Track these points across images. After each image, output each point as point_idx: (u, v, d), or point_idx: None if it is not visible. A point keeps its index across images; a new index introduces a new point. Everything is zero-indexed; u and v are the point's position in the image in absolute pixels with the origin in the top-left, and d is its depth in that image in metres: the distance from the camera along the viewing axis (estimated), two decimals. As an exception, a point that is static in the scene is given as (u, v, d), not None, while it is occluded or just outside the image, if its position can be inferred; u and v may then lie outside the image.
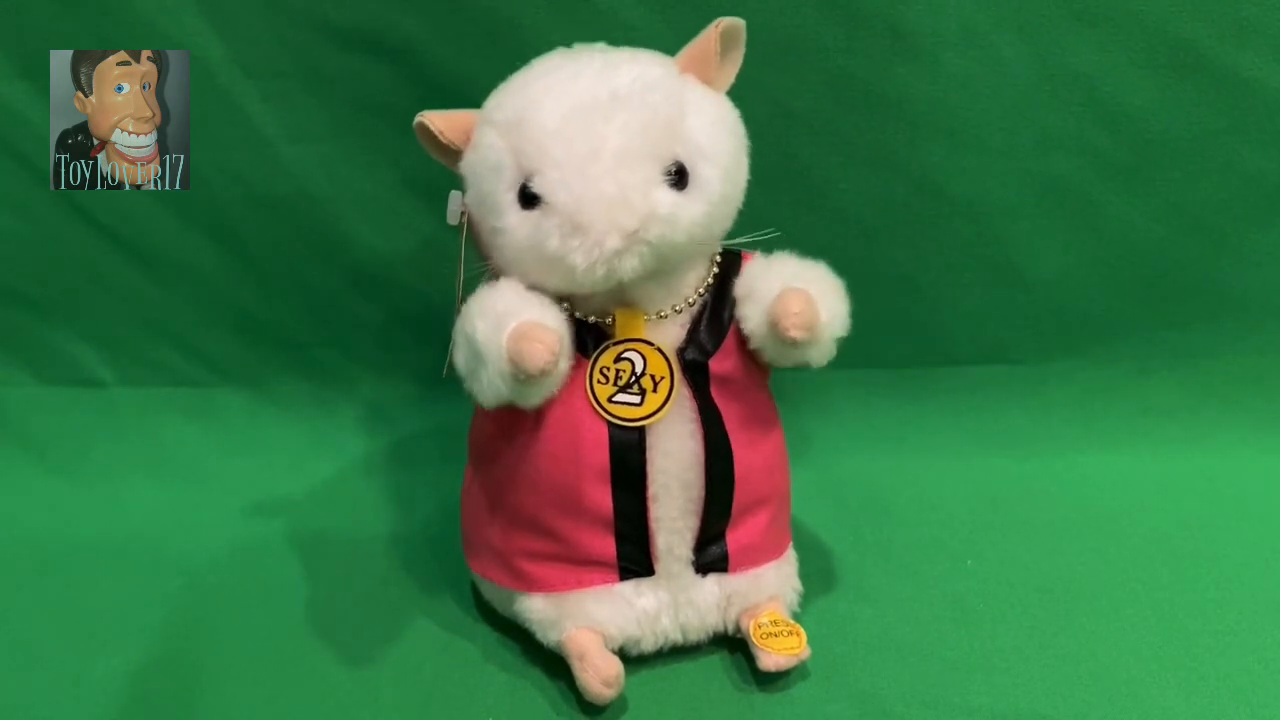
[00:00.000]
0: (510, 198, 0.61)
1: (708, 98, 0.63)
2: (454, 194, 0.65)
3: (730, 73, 0.65)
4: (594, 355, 0.64)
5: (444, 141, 0.64)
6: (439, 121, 0.64)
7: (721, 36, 0.63)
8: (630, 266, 0.59)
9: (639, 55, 0.63)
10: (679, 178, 0.60)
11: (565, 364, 0.62)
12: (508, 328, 0.60)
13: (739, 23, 0.64)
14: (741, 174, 0.64)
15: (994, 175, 0.84)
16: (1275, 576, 0.76)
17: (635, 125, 0.59)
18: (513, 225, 0.61)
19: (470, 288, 0.65)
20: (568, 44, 0.65)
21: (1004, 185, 0.84)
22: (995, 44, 0.80)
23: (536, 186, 0.59)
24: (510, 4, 0.78)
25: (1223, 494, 0.86)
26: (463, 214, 0.65)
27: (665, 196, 0.59)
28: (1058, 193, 0.85)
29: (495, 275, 0.65)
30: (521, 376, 0.59)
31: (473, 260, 0.66)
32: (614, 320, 0.64)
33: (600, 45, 0.64)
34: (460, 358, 0.64)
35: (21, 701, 0.68)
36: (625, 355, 0.64)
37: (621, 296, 0.64)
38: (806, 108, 0.81)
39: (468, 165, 0.64)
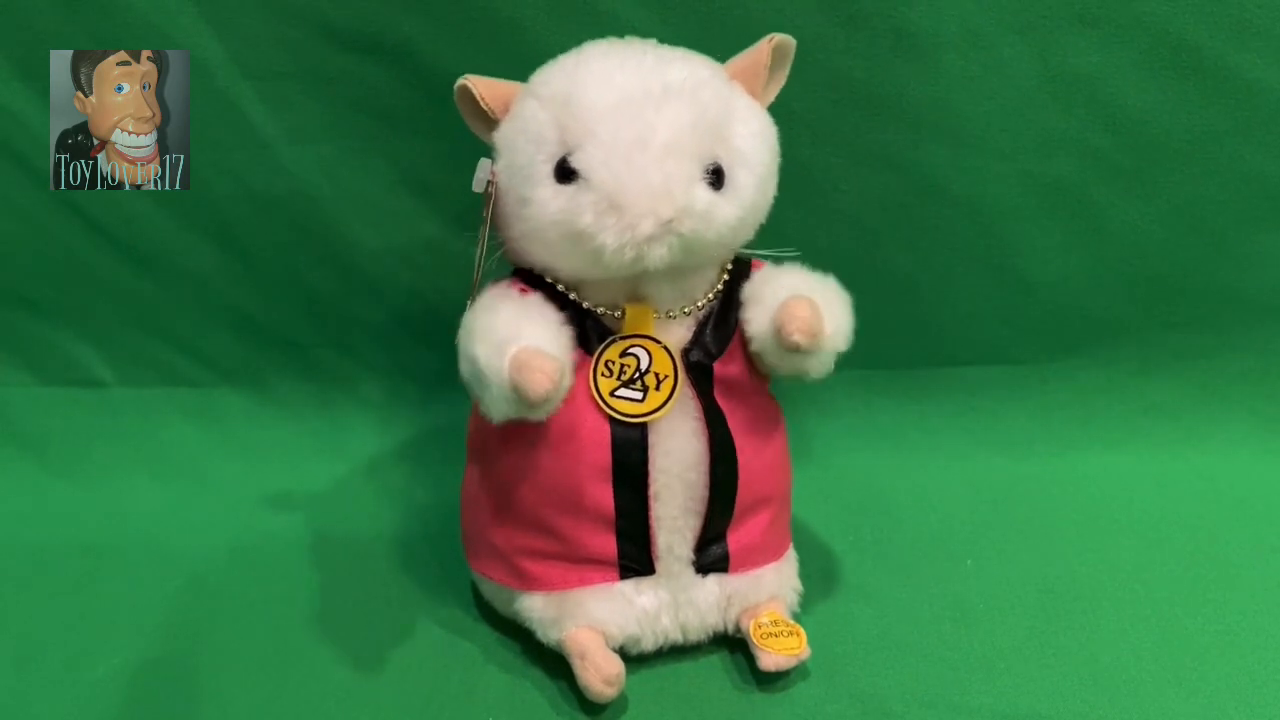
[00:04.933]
0: (547, 170, 0.61)
1: (752, 108, 0.64)
2: (483, 161, 0.65)
3: (774, 89, 0.67)
4: (600, 348, 0.64)
5: (484, 107, 0.64)
6: (482, 86, 0.64)
7: (774, 51, 0.64)
8: (659, 255, 0.59)
9: (690, 55, 0.64)
10: (716, 178, 0.61)
11: (568, 382, 0.62)
12: (509, 354, 0.60)
13: (791, 41, 0.65)
14: (771, 189, 0.65)
15: (995, 177, 0.84)
16: (1275, 576, 0.76)
17: (684, 120, 0.59)
18: (545, 197, 0.61)
19: (487, 262, 0.65)
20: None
21: (1005, 186, 0.84)
22: (996, 45, 0.80)
23: (577, 162, 0.59)
24: (510, 5, 0.78)
25: (1223, 494, 0.86)
26: (489, 182, 0.65)
27: (703, 193, 0.60)
28: (1059, 194, 0.85)
29: (510, 256, 0.65)
30: (525, 402, 0.60)
31: (493, 231, 0.66)
32: (622, 314, 0.64)
33: (653, 40, 0.64)
34: (464, 372, 0.64)
35: (21, 701, 0.68)
36: (631, 351, 0.64)
37: (634, 291, 0.64)
38: (807, 108, 0.81)
39: (504, 134, 0.63)
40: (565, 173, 0.60)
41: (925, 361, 0.92)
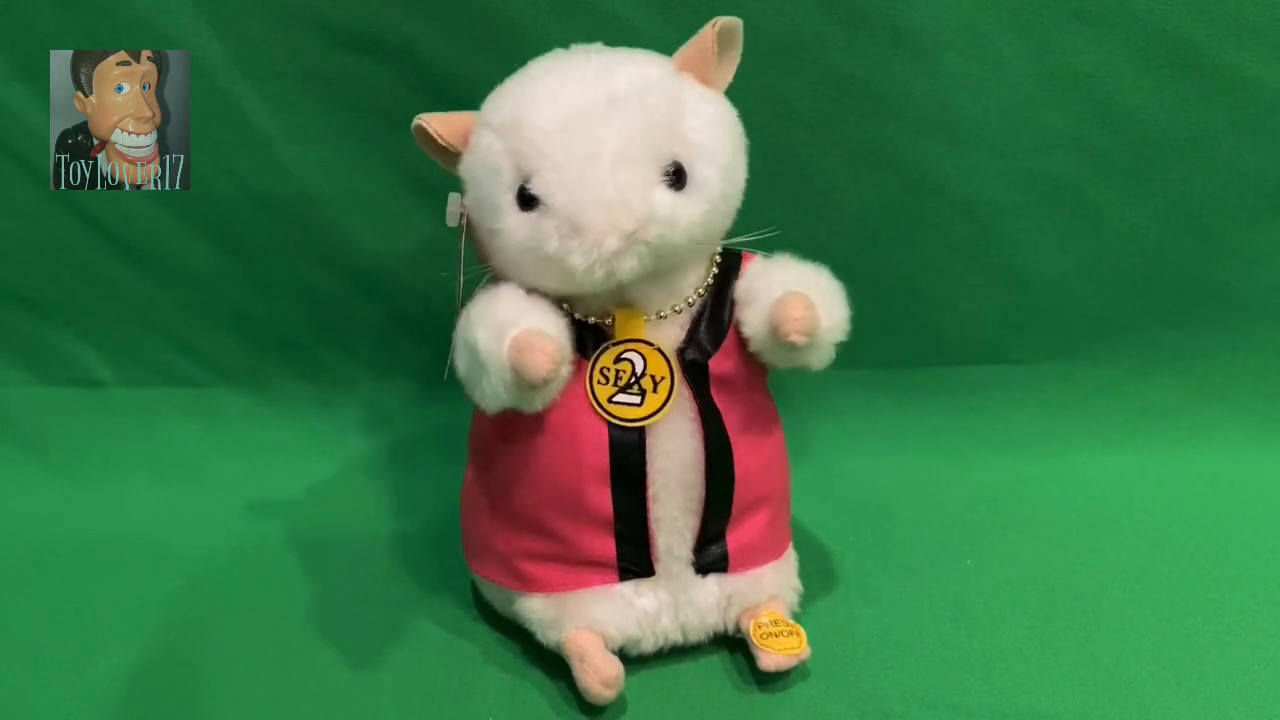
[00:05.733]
0: (509, 199, 0.61)
1: (705, 97, 0.63)
2: (453, 196, 0.65)
3: (728, 72, 0.65)
4: (594, 356, 0.64)
5: (442, 144, 0.64)
6: (437, 124, 0.64)
7: (719, 36, 0.63)
8: (629, 267, 0.59)
9: (636, 56, 0.63)
10: (677, 178, 0.60)
11: (567, 369, 0.62)
12: (508, 336, 0.60)
13: (736, 22, 0.64)
14: (740, 173, 0.64)
15: (994, 174, 0.84)
16: (1275, 576, 0.76)
17: (633, 128, 0.59)
18: (511, 227, 0.61)
19: (469, 289, 0.65)
20: (568, 44, 0.65)
21: (1004, 184, 0.84)
22: (995, 43, 0.80)
23: (535, 188, 0.59)
24: (510, 4, 0.78)
25: (1223, 494, 0.86)
26: (462, 215, 0.65)
27: (664, 198, 0.59)
28: (1057, 192, 0.85)
29: (494, 277, 0.65)
30: (524, 385, 0.60)
31: (471, 262, 0.66)
32: (614, 321, 0.64)
33: (597, 46, 0.64)
34: (461, 364, 0.64)
35: (21, 701, 0.68)
36: (625, 356, 0.64)
37: (621, 297, 0.64)
38: (806, 107, 0.81)
39: (466, 167, 0.64)
40: (526, 199, 0.60)
41: (925, 361, 0.92)
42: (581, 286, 0.60)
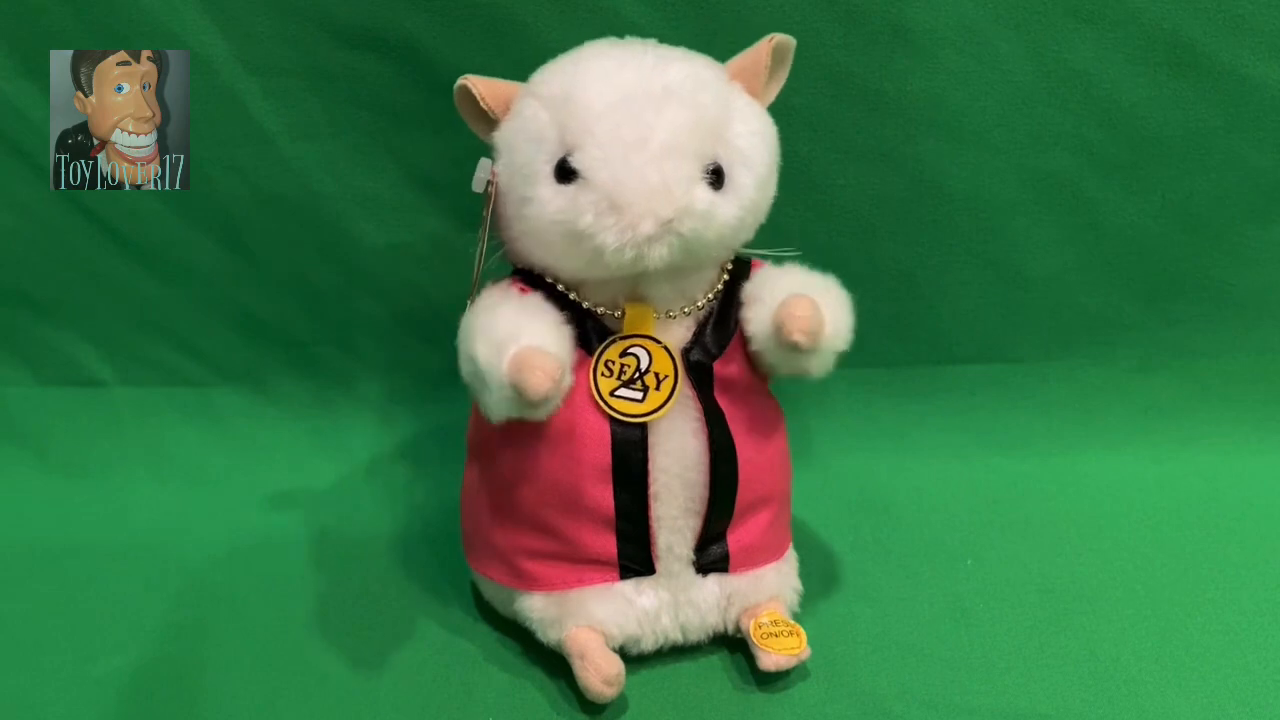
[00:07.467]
0: (547, 170, 0.61)
1: (752, 108, 0.64)
2: (483, 161, 0.65)
3: (774, 89, 0.67)
4: (599, 348, 0.64)
5: (484, 107, 0.64)
6: (482, 86, 0.64)
7: (773, 51, 0.64)
8: (659, 255, 0.59)
9: (690, 55, 0.64)
10: (715, 178, 0.61)
11: (569, 381, 0.62)
12: (508, 353, 0.60)
13: (791, 40, 0.65)
14: (771, 188, 0.65)
15: (992, 172, 0.84)
16: (1275, 576, 0.76)
17: (684, 121, 0.59)
18: (545, 197, 0.61)
19: (487, 262, 0.65)
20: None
21: (1002, 182, 0.85)
22: (993, 41, 0.80)
23: (577, 162, 0.59)
24: (513, 2, 0.78)
25: (1223, 494, 0.86)
26: (489, 182, 0.65)
27: (703, 193, 0.60)
28: (1056, 189, 0.85)
29: (507, 254, 0.65)
30: (524, 403, 0.60)
31: (492, 234, 0.66)
32: (622, 314, 0.64)
33: (653, 40, 0.64)
34: (464, 371, 0.64)
35: (21, 701, 0.68)
36: (631, 350, 0.64)
37: (634, 291, 0.64)
38: (805, 104, 0.81)
39: (505, 134, 0.64)
40: (565, 172, 0.60)
41: (924, 360, 0.92)
42: (606, 268, 0.60)
